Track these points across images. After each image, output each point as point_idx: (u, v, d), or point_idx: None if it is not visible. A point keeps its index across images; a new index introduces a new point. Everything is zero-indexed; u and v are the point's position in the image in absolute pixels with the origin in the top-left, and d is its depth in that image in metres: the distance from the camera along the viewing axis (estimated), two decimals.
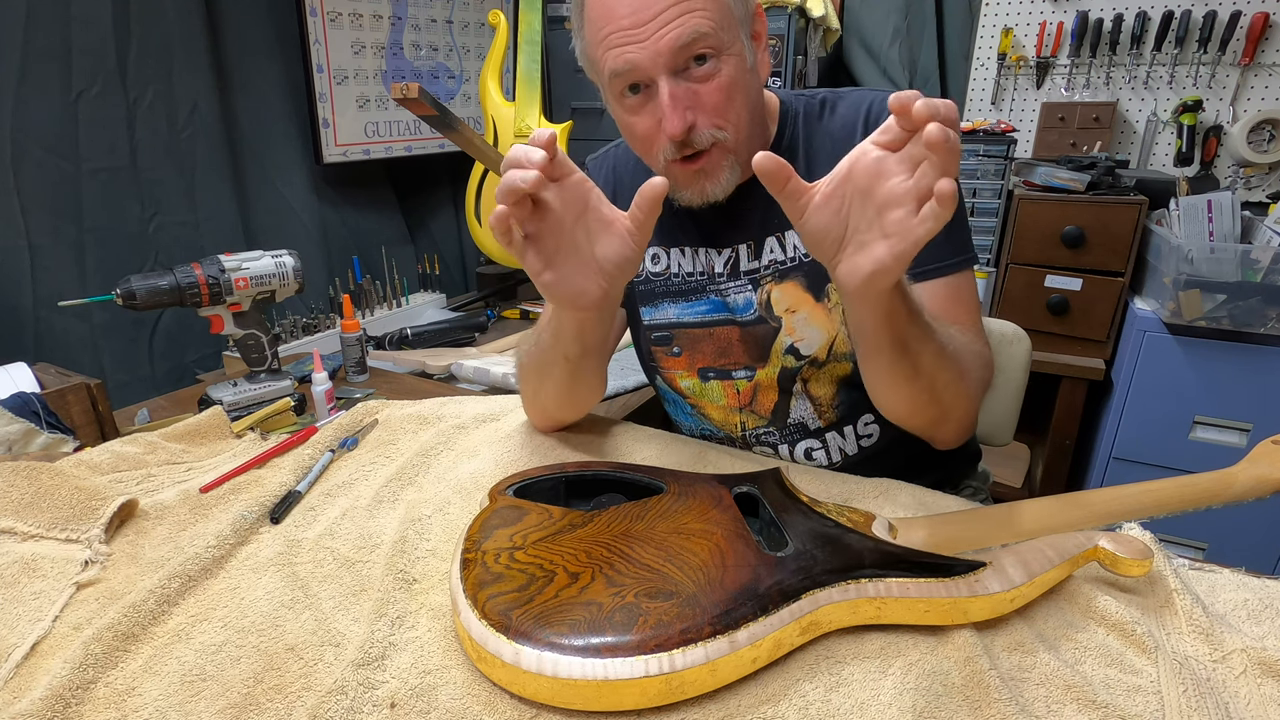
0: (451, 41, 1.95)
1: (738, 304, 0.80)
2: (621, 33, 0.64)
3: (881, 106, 0.74)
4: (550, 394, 0.79)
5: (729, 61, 0.66)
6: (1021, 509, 0.61)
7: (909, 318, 0.59)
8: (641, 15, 0.63)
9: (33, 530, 0.64)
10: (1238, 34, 1.74)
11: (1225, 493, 0.60)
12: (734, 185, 0.72)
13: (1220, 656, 0.49)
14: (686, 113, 0.66)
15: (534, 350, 0.77)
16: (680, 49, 0.64)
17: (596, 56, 0.68)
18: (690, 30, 0.63)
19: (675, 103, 0.65)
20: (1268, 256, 1.40)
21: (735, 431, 0.87)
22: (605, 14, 0.65)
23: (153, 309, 0.89)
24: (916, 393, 0.65)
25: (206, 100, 1.43)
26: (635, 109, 0.69)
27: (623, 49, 0.64)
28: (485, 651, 0.46)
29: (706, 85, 0.66)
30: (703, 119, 0.67)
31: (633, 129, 0.70)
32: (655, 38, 0.63)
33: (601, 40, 0.66)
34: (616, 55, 0.65)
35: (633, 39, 0.64)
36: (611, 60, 0.65)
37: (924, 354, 0.62)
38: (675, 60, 0.64)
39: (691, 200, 0.73)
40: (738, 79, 0.67)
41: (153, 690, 0.48)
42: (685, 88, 0.66)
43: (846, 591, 0.50)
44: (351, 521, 0.67)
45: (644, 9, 0.63)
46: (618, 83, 0.67)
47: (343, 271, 1.70)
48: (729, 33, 0.66)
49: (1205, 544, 1.58)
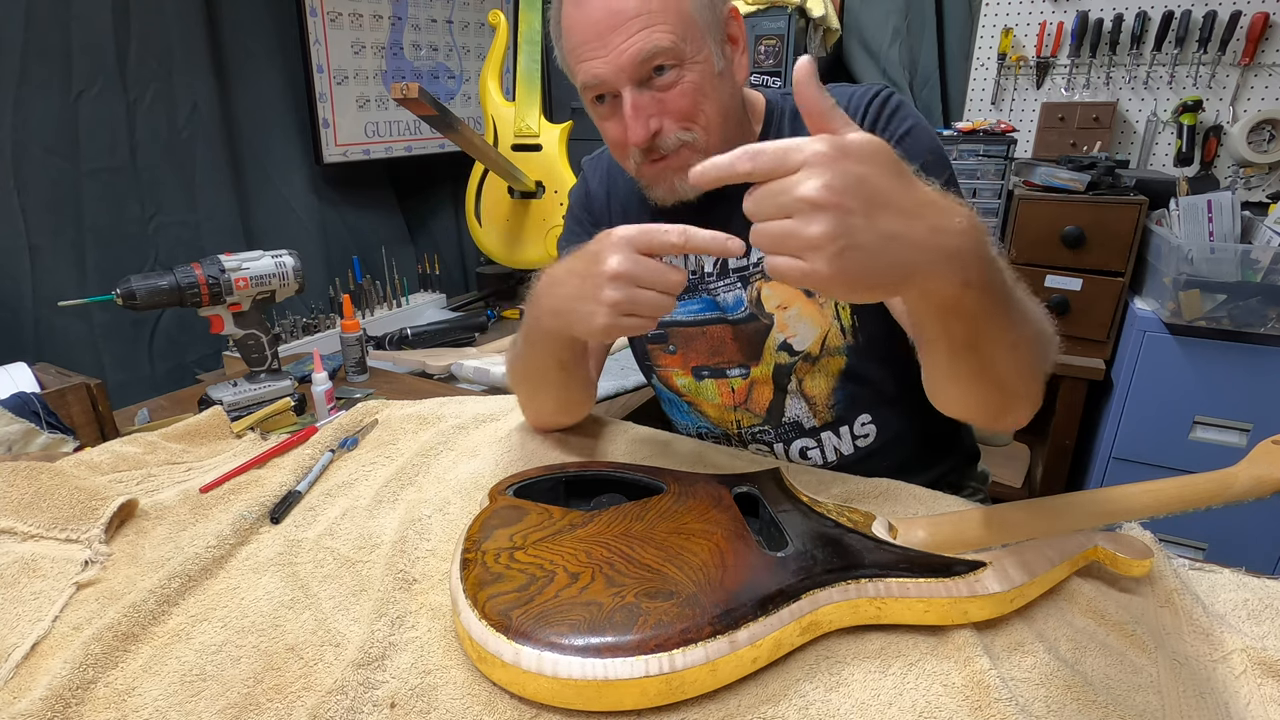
0: (451, 41, 1.95)
1: (728, 302, 0.81)
2: (589, 45, 0.67)
3: (860, 99, 0.75)
4: (546, 399, 0.80)
5: (693, 69, 0.68)
6: (1021, 509, 0.61)
7: (983, 316, 0.48)
8: (604, 32, 0.66)
9: (33, 530, 0.63)
10: (1238, 34, 1.74)
11: (1225, 493, 0.60)
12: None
13: (1220, 656, 0.49)
14: (650, 120, 0.68)
15: (522, 358, 0.77)
16: (641, 63, 0.66)
17: (571, 67, 0.71)
18: (651, 45, 0.65)
19: (638, 112, 0.68)
20: (1268, 256, 1.40)
21: (732, 429, 0.87)
22: (573, 29, 0.68)
23: (153, 309, 0.89)
24: (980, 390, 0.55)
25: (206, 100, 1.43)
26: (606, 116, 0.72)
27: (589, 62, 0.67)
28: (485, 651, 0.46)
29: (670, 92, 0.68)
30: (669, 123, 0.69)
31: (606, 134, 0.74)
32: (617, 52, 0.66)
33: (572, 52, 0.69)
34: (585, 69, 0.68)
35: (597, 53, 0.67)
36: (582, 72, 0.69)
37: (997, 351, 0.51)
38: (637, 72, 0.67)
39: (664, 199, 0.74)
40: (702, 84, 0.69)
41: (153, 690, 0.48)
42: (649, 96, 0.68)
43: (846, 591, 0.50)
44: (351, 521, 0.67)
45: (607, 27, 0.66)
46: (588, 93, 0.71)
47: (343, 271, 1.69)
48: (692, 44, 0.68)
49: (1205, 544, 1.58)
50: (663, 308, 0.59)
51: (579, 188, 0.92)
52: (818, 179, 0.40)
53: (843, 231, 0.40)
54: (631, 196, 0.85)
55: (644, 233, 0.57)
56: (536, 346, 0.73)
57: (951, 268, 0.43)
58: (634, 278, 0.57)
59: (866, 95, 0.75)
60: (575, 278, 0.61)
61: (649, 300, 0.58)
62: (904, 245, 0.42)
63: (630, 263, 0.57)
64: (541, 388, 0.79)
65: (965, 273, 0.44)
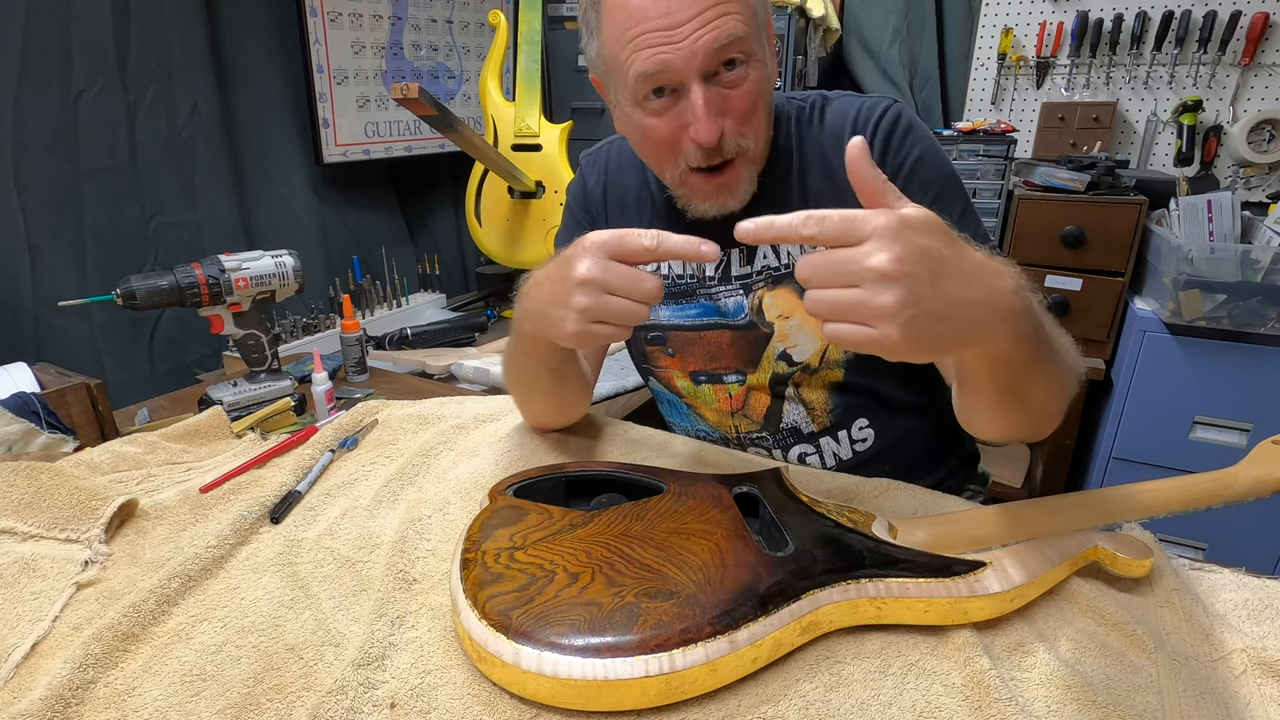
0: (451, 41, 1.95)
1: (729, 308, 0.80)
2: (654, 33, 0.61)
3: (868, 115, 0.73)
4: (539, 403, 0.79)
5: (756, 68, 0.65)
6: (1021, 509, 0.61)
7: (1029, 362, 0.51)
8: (676, 16, 0.61)
9: (33, 530, 0.63)
10: (1238, 34, 1.74)
11: (1225, 493, 0.60)
12: (749, 196, 0.71)
13: (1220, 656, 0.49)
14: (718, 119, 0.64)
15: (513, 362, 0.76)
16: (716, 51, 0.62)
17: (619, 56, 0.65)
18: (727, 33, 0.61)
19: (709, 108, 0.63)
20: (1268, 256, 1.40)
21: (730, 434, 0.87)
22: (632, 13, 0.62)
23: (153, 309, 0.88)
24: (1018, 419, 0.58)
25: (206, 100, 1.43)
26: (659, 112, 0.66)
27: (655, 50, 0.62)
28: (485, 651, 0.46)
29: (735, 91, 0.65)
30: (730, 126, 0.66)
31: (652, 133, 0.68)
32: (691, 39, 0.61)
33: (628, 41, 0.63)
34: (648, 56, 0.62)
35: (667, 40, 0.61)
36: (641, 61, 0.63)
37: (1036, 387, 0.54)
38: (709, 64, 0.63)
39: (707, 212, 0.72)
40: (764, 87, 0.66)
41: (153, 690, 0.48)
42: (717, 93, 0.64)
43: (846, 591, 0.50)
44: (351, 521, 0.67)
45: (679, 9, 0.61)
46: (645, 85, 0.65)
47: (343, 271, 1.69)
48: (757, 39, 0.65)
49: (1205, 544, 1.58)
50: (634, 316, 0.56)
51: (576, 184, 0.90)
52: (888, 251, 0.42)
53: (913, 300, 0.42)
54: (628, 195, 0.85)
55: (616, 237, 0.56)
56: (524, 351, 0.71)
57: (1007, 325, 0.46)
58: (604, 284, 0.55)
59: (875, 111, 0.73)
60: (549, 282, 0.60)
61: (618, 308, 0.56)
62: (966, 308, 0.44)
63: (600, 269, 0.55)
64: (533, 392, 0.78)
65: (1017, 328, 0.47)
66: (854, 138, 0.47)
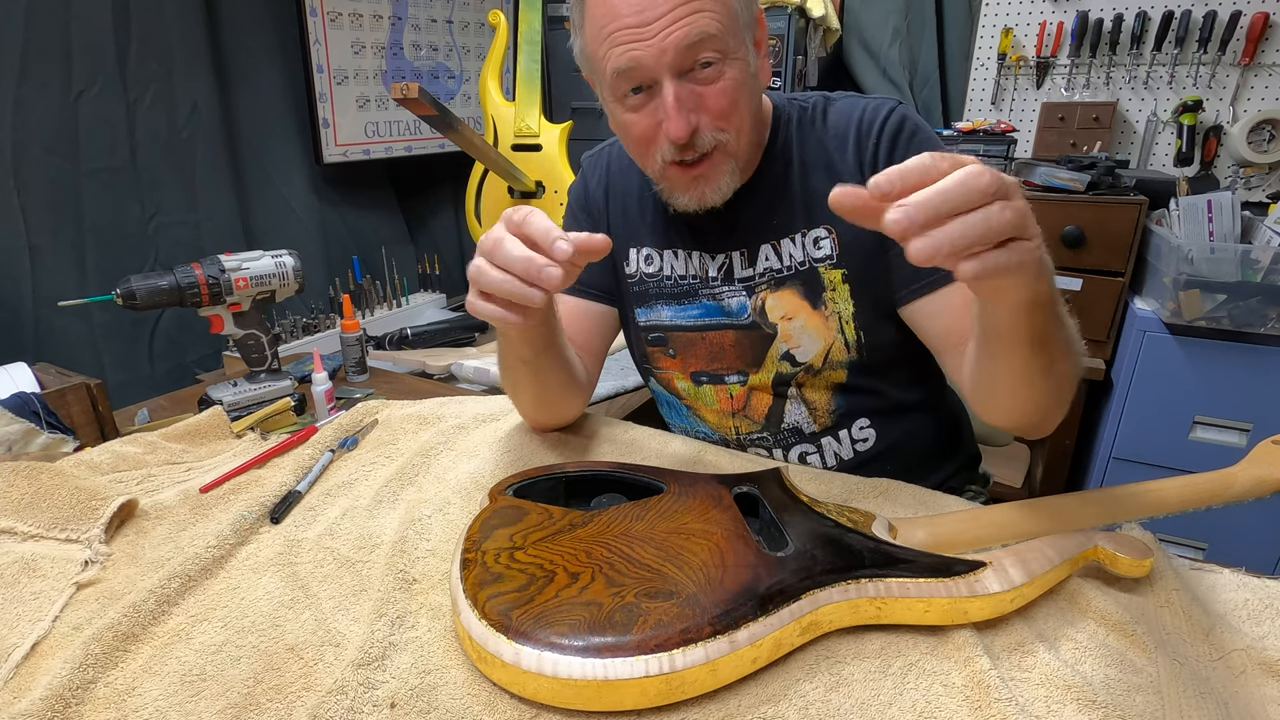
0: (451, 41, 1.95)
1: (732, 307, 0.80)
2: (627, 30, 0.63)
3: (872, 117, 0.73)
4: (525, 397, 0.78)
5: (734, 65, 0.65)
6: (1021, 509, 0.61)
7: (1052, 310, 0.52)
8: (648, 13, 0.62)
9: (33, 530, 0.63)
10: (1238, 34, 1.74)
11: (1225, 493, 0.60)
12: (732, 190, 0.72)
13: (1220, 656, 0.49)
14: (690, 115, 0.65)
15: (499, 359, 0.76)
16: (686, 49, 0.63)
17: (597, 54, 0.66)
18: (697, 30, 0.62)
19: (680, 104, 0.64)
20: (1268, 256, 1.40)
21: (730, 435, 0.86)
22: (609, 11, 0.63)
23: (153, 309, 0.88)
24: (1041, 391, 0.58)
25: (206, 100, 1.43)
26: (635, 109, 0.68)
27: (627, 47, 0.63)
28: (485, 651, 0.46)
29: (711, 88, 0.65)
30: (706, 121, 0.66)
31: (630, 129, 0.69)
32: (661, 36, 0.62)
33: (605, 38, 0.64)
34: (620, 53, 0.64)
35: (638, 37, 0.62)
36: (615, 58, 0.64)
37: (1057, 349, 0.55)
38: (681, 61, 0.63)
39: (687, 206, 0.72)
40: (742, 83, 0.66)
41: (153, 690, 0.48)
42: (690, 89, 0.65)
43: (846, 591, 0.50)
44: (351, 521, 0.67)
45: (651, 7, 0.62)
46: (620, 82, 0.66)
47: (343, 271, 1.70)
48: (734, 38, 0.65)
49: (1205, 544, 1.58)
50: (508, 290, 0.52)
51: (578, 185, 0.90)
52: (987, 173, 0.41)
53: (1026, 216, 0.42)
54: (630, 196, 0.85)
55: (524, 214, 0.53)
56: (500, 339, 0.72)
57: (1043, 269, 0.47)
58: (486, 252, 0.53)
59: (880, 113, 0.73)
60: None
61: (494, 279, 0.53)
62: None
63: (491, 241, 0.53)
64: (516, 385, 0.77)
65: (1049, 276, 0.48)
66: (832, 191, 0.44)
